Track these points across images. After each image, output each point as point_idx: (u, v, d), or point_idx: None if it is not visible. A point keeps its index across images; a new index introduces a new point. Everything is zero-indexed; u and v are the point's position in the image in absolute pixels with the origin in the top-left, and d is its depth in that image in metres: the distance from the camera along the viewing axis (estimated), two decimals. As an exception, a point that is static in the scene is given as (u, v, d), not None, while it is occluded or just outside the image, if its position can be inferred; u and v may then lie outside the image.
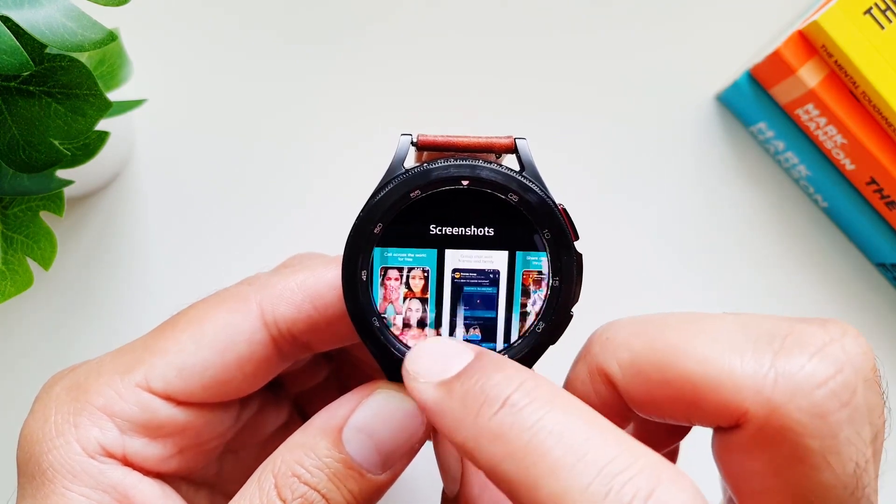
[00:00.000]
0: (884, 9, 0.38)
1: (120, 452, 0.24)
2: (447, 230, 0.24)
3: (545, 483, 0.18)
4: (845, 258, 0.44)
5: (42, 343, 0.42)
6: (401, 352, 0.24)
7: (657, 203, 0.44)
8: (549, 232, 0.23)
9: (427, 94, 0.44)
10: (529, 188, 0.23)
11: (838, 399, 0.20)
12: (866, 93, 0.38)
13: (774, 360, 0.20)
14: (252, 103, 0.44)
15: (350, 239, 0.23)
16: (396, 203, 0.23)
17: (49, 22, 0.26)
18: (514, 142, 0.24)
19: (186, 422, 0.26)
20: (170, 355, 0.25)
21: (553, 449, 0.18)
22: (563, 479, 0.18)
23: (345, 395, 0.24)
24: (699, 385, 0.21)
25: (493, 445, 0.19)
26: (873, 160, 0.39)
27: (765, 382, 0.20)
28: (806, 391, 0.20)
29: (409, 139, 0.24)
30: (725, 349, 0.21)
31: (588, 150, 0.44)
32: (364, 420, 0.23)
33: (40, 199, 0.31)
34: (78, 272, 0.42)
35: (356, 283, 0.23)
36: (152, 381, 0.25)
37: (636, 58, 0.44)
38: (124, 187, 0.43)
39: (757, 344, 0.21)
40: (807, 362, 0.20)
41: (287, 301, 0.26)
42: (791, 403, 0.20)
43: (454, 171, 0.23)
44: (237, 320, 0.25)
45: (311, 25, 0.44)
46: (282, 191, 0.43)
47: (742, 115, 0.44)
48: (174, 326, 0.26)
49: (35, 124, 0.27)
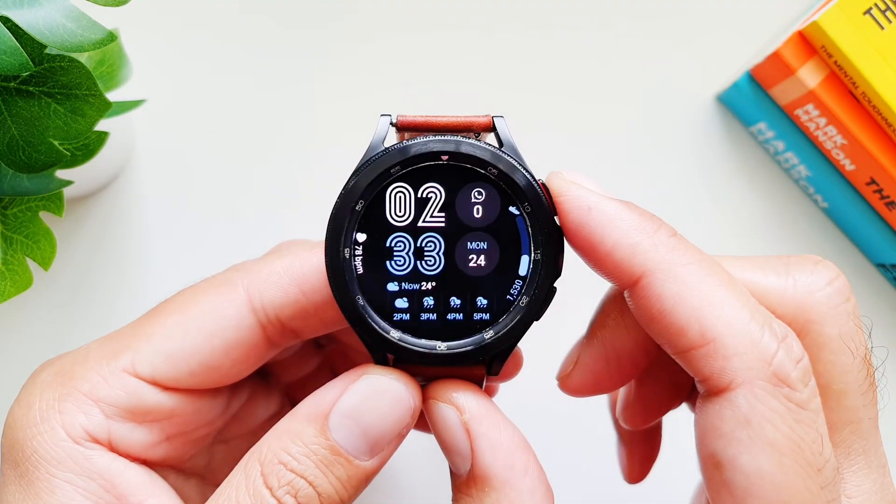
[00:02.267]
0: (884, 9, 0.38)
1: (106, 438, 0.24)
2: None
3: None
4: (845, 258, 0.44)
5: (42, 342, 0.42)
6: (385, 330, 0.24)
7: (657, 202, 0.44)
8: (528, 205, 0.23)
9: (428, 92, 0.44)
10: (508, 162, 0.23)
11: (841, 295, 0.24)
12: (866, 93, 0.38)
13: (789, 271, 0.24)
14: (251, 103, 0.44)
15: (332, 217, 0.23)
16: (377, 179, 0.23)
17: (49, 22, 0.26)
18: (492, 120, 0.24)
19: (174, 408, 0.25)
20: (157, 340, 0.25)
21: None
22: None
23: (332, 381, 0.24)
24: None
25: (673, 253, 0.22)
26: (873, 160, 0.39)
27: (786, 285, 0.24)
28: (818, 288, 0.24)
29: (388, 119, 0.24)
30: (747, 269, 0.24)
31: (589, 151, 0.44)
32: (351, 406, 0.23)
33: (40, 200, 0.31)
34: (77, 272, 0.42)
35: (340, 262, 0.23)
36: (139, 366, 0.25)
37: (637, 59, 0.44)
38: (124, 188, 0.43)
39: (772, 263, 0.25)
40: (812, 270, 0.24)
41: (274, 285, 0.26)
42: (811, 298, 0.24)
43: (433, 145, 0.23)
44: (224, 306, 0.25)
45: (310, 23, 0.44)
46: (282, 189, 0.43)
47: (742, 116, 0.44)
48: (161, 312, 0.26)
49: (35, 124, 0.27)
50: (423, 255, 0.24)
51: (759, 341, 0.21)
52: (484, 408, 0.24)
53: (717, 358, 0.21)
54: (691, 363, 0.22)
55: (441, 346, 0.24)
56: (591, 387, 0.28)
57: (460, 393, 0.24)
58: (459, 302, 0.24)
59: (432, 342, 0.24)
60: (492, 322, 0.24)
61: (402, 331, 0.24)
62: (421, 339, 0.24)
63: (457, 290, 0.24)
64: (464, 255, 0.24)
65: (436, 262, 0.24)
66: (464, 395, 0.24)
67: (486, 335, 0.24)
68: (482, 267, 0.24)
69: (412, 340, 0.24)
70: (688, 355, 0.22)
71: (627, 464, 0.32)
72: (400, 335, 0.24)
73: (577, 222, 0.23)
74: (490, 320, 0.24)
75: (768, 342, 0.21)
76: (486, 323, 0.24)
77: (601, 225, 0.22)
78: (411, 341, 0.24)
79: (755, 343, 0.21)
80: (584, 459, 0.41)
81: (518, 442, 0.24)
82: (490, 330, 0.24)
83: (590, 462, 0.41)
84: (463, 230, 0.24)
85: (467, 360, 0.24)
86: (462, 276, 0.24)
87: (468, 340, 0.24)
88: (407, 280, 0.24)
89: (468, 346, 0.24)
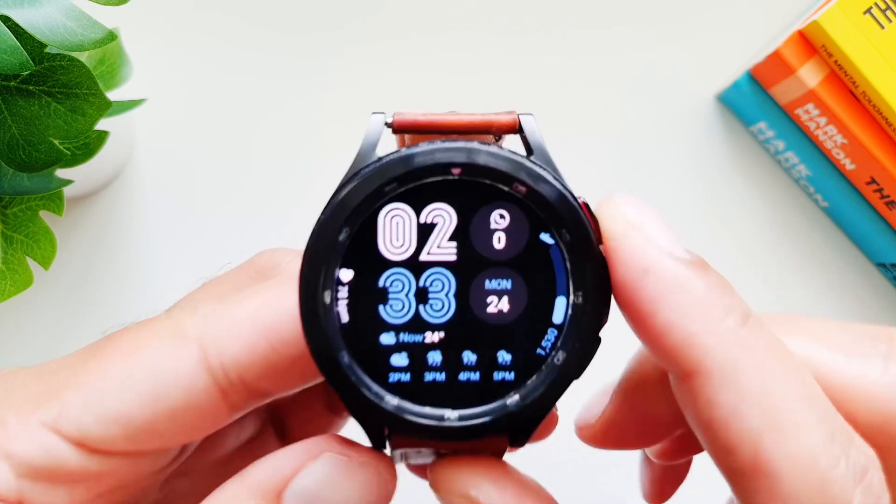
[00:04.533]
0: (884, 8, 0.38)
1: (14, 497, 0.20)
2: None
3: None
4: (845, 258, 0.44)
5: (41, 342, 0.42)
6: (378, 396, 0.18)
7: (657, 203, 0.44)
8: (567, 232, 0.18)
9: (429, 89, 0.44)
10: (541, 177, 0.18)
11: None
12: (866, 93, 0.38)
13: (888, 360, 0.19)
14: (252, 102, 0.43)
15: (308, 249, 0.18)
16: (367, 200, 0.18)
17: (49, 21, 0.26)
18: (517, 119, 0.19)
19: (103, 470, 0.21)
20: (89, 394, 0.21)
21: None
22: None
23: (290, 447, 0.20)
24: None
25: (739, 351, 0.17)
26: (873, 160, 0.39)
27: (880, 383, 0.18)
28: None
29: (382, 119, 0.19)
30: (829, 349, 0.19)
31: (588, 150, 0.44)
32: (309, 488, 0.19)
33: (40, 199, 0.31)
34: (77, 272, 0.42)
35: (317, 307, 0.18)
36: (63, 423, 0.20)
37: (636, 58, 0.44)
38: (124, 187, 0.43)
39: (861, 344, 0.19)
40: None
41: (236, 339, 0.20)
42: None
43: (441, 155, 0.18)
44: (172, 362, 0.21)
45: (309, 21, 0.44)
46: (282, 189, 0.43)
47: (742, 115, 0.44)
48: (101, 356, 0.21)
49: (35, 124, 0.27)
50: (427, 298, 0.19)
51: (828, 478, 0.16)
52: (506, 497, 0.19)
53: (771, 493, 0.17)
54: (738, 488, 0.17)
55: (451, 416, 0.19)
56: (614, 444, 0.24)
57: (476, 482, 0.19)
58: (475, 358, 0.19)
59: (440, 410, 0.19)
60: (517, 384, 0.19)
61: (400, 396, 0.19)
62: (425, 406, 0.19)
63: (472, 343, 0.19)
64: (481, 297, 0.19)
65: (444, 306, 0.19)
66: (482, 485, 0.19)
67: (509, 401, 0.19)
68: (505, 313, 0.19)
69: (413, 409, 0.19)
70: (735, 478, 0.17)
71: (649, 484, 0.28)
72: (398, 402, 0.19)
73: (627, 285, 0.18)
74: (515, 381, 0.19)
75: (842, 486, 0.16)
76: (511, 385, 0.19)
77: (656, 297, 0.17)
78: (412, 410, 0.19)
79: (822, 480, 0.16)
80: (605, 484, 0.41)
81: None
82: (515, 394, 0.19)
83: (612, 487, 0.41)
84: (480, 265, 0.19)
85: (485, 434, 0.19)
86: (479, 325, 0.19)
87: (486, 408, 0.19)
88: (406, 330, 0.19)
89: (486, 415, 0.19)
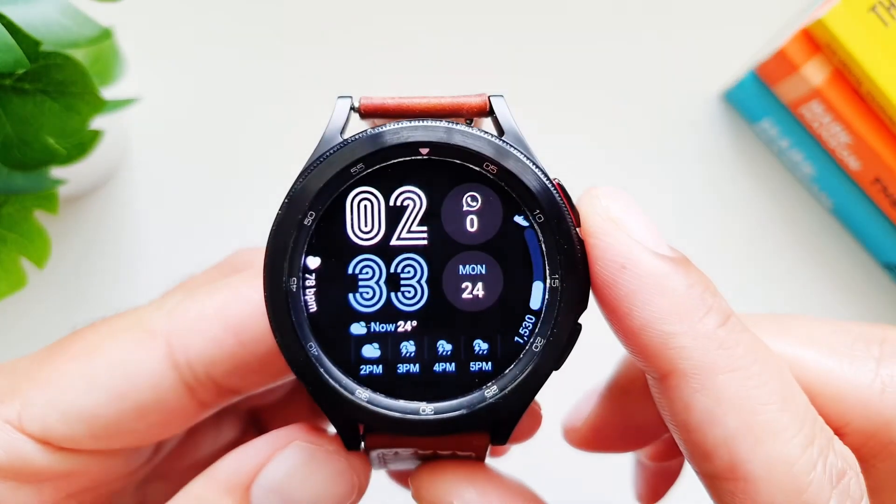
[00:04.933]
0: (888, 6, 0.38)
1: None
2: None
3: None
4: (851, 257, 0.44)
5: (35, 342, 0.41)
6: (349, 389, 0.18)
7: (661, 200, 0.44)
8: (541, 213, 0.18)
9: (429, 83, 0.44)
10: (511, 155, 0.18)
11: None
12: (870, 91, 0.38)
13: (880, 364, 0.18)
14: (245, 102, 0.43)
15: (272, 235, 0.18)
16: (333, 182, 0.18)
17: (44, 19, 0.26)
18: (488, 101, 0.18)
19: (71, 468, 0.20)
20: (53, 390, 0.20)
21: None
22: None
23: (257, 440, 0.20)
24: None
25: (716, 353, 0.16)
26: (878, 159, 0.39)
27: (872, 389, 0.18)
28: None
29: (348, 103, 0.18)
30: (820, 352, 0.19)
31: (593, 149, 0.44)
32: (277, 478, 0.19)
33: (34, 198, 0.30)
34: (72, 271, 0.42)
35: (283, 296, 0.17)
36: (26, 421, 0.20)
37: (641, 57, 0.44)
38: (118, 186, 0.42)
39: (854, 347, 0.19)
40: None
41: (202, 335, 0.20)
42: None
43: (409, 134, 0.17)
44: (138, 358, 0.20)
45: (305, 20, 0.44)
46: (275, 189, 0.43)
47: (747, 113, 0.44)
48: (65, 353, 0.21)
49: (30, 122, 0.27)
50: (398, 285, 0.18)
51: (806, 489, 0.16)
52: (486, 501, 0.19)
53: (746, 499, 0.16)
54: (715, 492, 0.17)
55: (426, 409, 0.18)
56: (601, 447, 0.24)
57: (458, 488, 0.19)
58: (451, 348, 0.18)
59: (414, 404, 0.18)
60: (495, 374, 0.18)
61: (372, 389, 0.18)
62: (399, 399, 0.18)
63: (446, 332, 0.18)
64: (454, 282, 0.18)
65: (416, 293, 0.18)
66: (464, 491, 0.19)
67: (487, 392, 0.18)
68: (480, 299, 0.18)
69: (387, 402, 0.18)
70: (711, 482, 0.17)
71: (642, 485, 0.28)
72: (369, 395, 0.18)
73: (604, 280, 0.17)
74: (493, 372, 0.18)
75: (819, 489, 0.16)
76: (488, 376, 0.18)
77: (633, 294, 0.17)
78: (385, 403, 0.18)
79: (800, 491, 0.16)
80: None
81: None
82: (493, 385, 0.18)
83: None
84: (452, 249, 0.18)
85: (463, 429, 0.18)
86: (453, 312, 0.18)
87: (463, 400, 0.18)
88: (378, 319, 0.18)
89: (463, 408, 0.18)
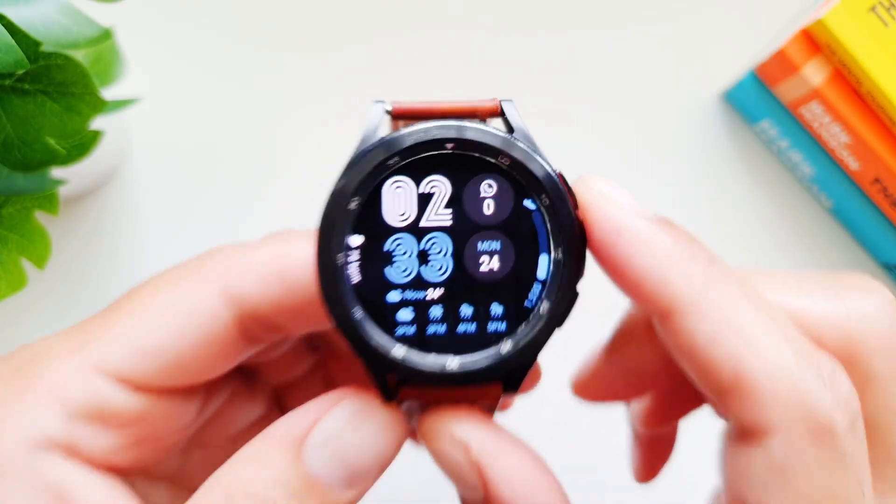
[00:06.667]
0: (888, 6, 0.38)
1: (65, 443, 0.22)
2: None
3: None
4: (851, 258, 0.44)
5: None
6: (387, 347, 0.21)
7: (661, 200, 0.44)
8: (546, 198, 0.21)
9: (431, 82, 0.44)
10: (522, 149, 0.21)
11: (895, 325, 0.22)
12: (870, 91, 0.38)
13: (839, 294, 0.22)
14: (246, 101, 0.43)
15: (323, 217, 0.21)
16: (373, 173, 0.21)
17: (44, 19, 0.26)
18: (499, 104, 0.22)
19: (143, 410, 0.23)
20: (126, 333, 0.23)
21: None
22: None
23: (309, 402, 0.21)
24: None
25: (707, 287, 0.19)
26: (878, 159, 0.39)
27: (837, 312, 0.22)
28: (873, 317, 0.22)
29: (382, 107, 0.22)
30: (792, 291, 0.22)
31: (593, 148, 0.44)
32: (329, 433, 0.21)
33: (34, 199, 0.30)
34: (72, 272, 0.42)
35: (332, 269, 0.21)
36: (106, 362, 0.22)
37: (640, 56, 0.44)
38: (119, 187, 0.42)
39: (819, 284, 0.23)
40: (866, 295, 0.22)
41: (253, 276, 0.23)
42: (865, 327, 0.22)
43: (436, 132, 0.21)
44: (196, 297, 0.23)
45: (304, 19, 0.44)
46: (279, 187, 0.43)
47: (746, 114, 0.44)
48: (129, 302, 0.24)
49: (30, 122, 0.27)
50: (427, 259, 0.21)
51: (800, 384, 0.19)
52: (493, 441, 0.22)
53: (753, 403, 0.19)
54: (723, 406, 0.20)
55: (452, 363, 0.21)
56: (607, 397, 0.26)
57: (464, 426, 0.22)
58: (472, 311, 0.21)
59: (442, 358, 0.21)
60: (509, 333, 0.21)
61: (407, 346, 0.21)
62: (429, 355, 0.21)
63: (468, 298, 0.21)
64: (474, 256, 0.21)
65: (442, 266, 0.21)
66: (468, 428, 0.22)
67: (502, 348, 0.21)
68: (496, 271, 0.21)
69: (419, 357, 0.21)
70: (720, 396, 0.20)
71: (638, 460, 0.31)
72: (405, 352, 0.21)
73: (603, 245, 0.21)
74: (507, 331, 0.21)
75: (812, 384, 0.19)
76: (503, 334, 0.21)
77: (629, 252, 0.20)
78: (418, 358, 0.21)
79: (796, 386, 0.19)
80: (596, 460, 0.41)
81: (535, 469, 0.22)
82: (508, 341, 0.21)
83: (602, 466, 0.41)
84: (472, 229, 0.21)
85: (482, 379, 0.21)
86: (473, 282, 0.21)
87: (483, 355, 0.21)
88: (410, 288, 0.21)
89: (483, 361, 0.21)
